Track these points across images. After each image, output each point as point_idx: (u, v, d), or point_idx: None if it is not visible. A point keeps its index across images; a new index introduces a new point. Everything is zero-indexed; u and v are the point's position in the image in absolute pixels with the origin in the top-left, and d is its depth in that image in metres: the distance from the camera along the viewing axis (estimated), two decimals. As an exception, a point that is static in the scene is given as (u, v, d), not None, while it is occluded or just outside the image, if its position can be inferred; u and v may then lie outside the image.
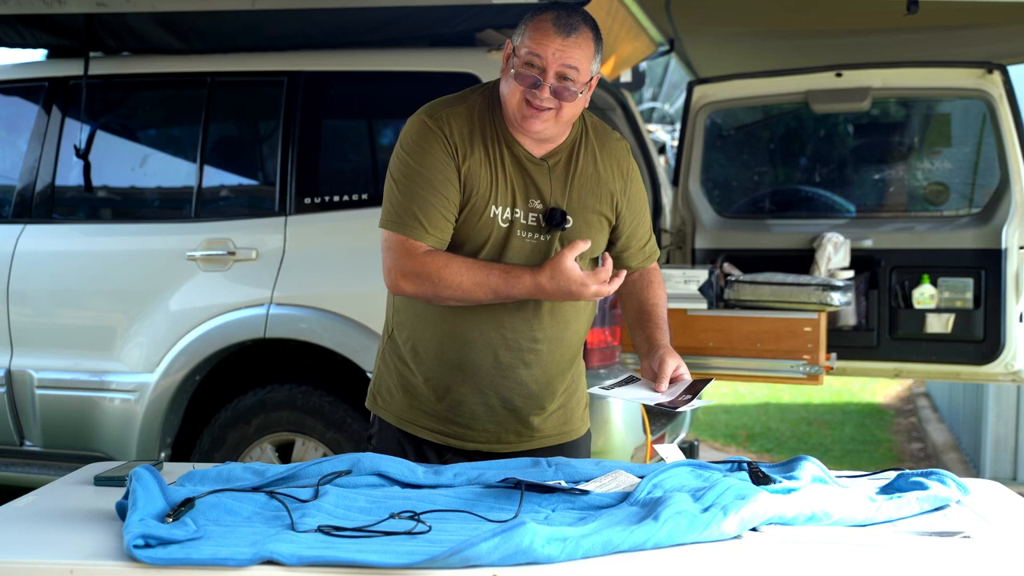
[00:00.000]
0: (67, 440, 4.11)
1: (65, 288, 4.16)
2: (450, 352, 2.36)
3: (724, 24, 5.39)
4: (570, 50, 2.20)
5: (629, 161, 2.43)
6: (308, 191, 3.94)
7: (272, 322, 3.83)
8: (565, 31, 2.20)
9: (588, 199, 2.34)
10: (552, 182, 2.32)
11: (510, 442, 2.44)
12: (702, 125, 5.12)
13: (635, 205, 2.43)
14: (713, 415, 8.38)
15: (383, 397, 2.51)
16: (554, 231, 2.31)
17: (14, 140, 4.45)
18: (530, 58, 2.21)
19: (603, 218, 2.37)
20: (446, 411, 2.42)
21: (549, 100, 2.21)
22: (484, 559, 1.62)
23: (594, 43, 2.25)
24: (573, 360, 2.48)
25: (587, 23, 2.24)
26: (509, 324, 2.33)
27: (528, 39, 2.23)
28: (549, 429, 2.47)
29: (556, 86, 2.20)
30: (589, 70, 2.24)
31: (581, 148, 2.36)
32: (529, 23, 2.25)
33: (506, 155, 2.31)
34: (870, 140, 5.51)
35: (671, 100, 13.08)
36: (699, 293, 4.13)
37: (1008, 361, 4.53)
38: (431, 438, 2.45)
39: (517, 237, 2.31)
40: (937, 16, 4.57)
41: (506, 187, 2.30)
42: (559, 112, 2.23)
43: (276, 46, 4.10)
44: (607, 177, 2.37)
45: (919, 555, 1.71)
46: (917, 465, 6.48)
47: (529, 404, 2.42)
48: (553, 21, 2.21)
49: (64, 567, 1.68)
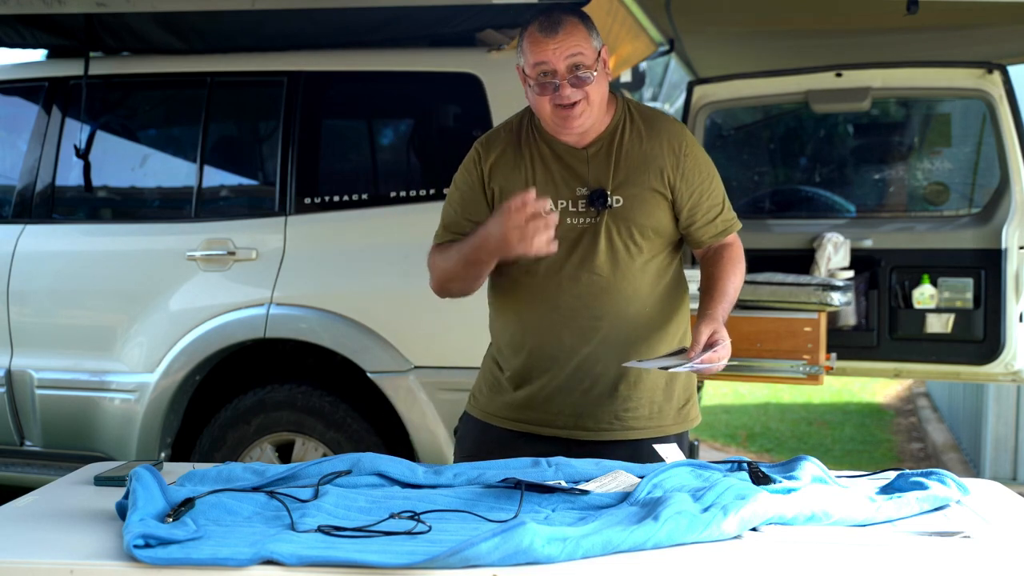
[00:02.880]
0: (67, 440, 4.11)
1: (65, 288, 4.16)
2: (519, 340, 2.47)
3: (724, 24, 5.39)
4: (565, 41, 2.31)
5: (682, 139, 2.46)
6: (308, 191, 3.94)
7: (272, 322, 3.83)
8: (552, 30, 2.31)
9: (635, 176, 2.41)
10: (593, 167, 2.42)
11: (588, 429, 2.44)
12: (702, 125, 5.12)
13: (692, 179, 2.45)
14: (713, 415, 8.38)
15: (475, 396, 2.61)
16: (601, 211, 2.39)
17: (14, 140, 4.45)
18: (538, 68, 2.33)
19: (656, 193, 2.42)
20: (525, 399, 2.48)
21: (574, 92, 2.32)
22: (484, 559, 1.62)
23: (583, 24, 2.35)
24: (654, 345, 2.46)
25: (568, 13, 2.35)
26: (565, 303, 2.41)
27: (528, 54, 2.35)
28: (633, 421, 2.46)
29: (572, 78, 2.31)
30: (592, 48, 2.34)
31: (625, 131, 2.44)
32: (522, 41, 2.37)
33: (546, 153, 2.44)
34: (870, 140, 5.51)
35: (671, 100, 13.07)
36: (699, 293, 4.12)
37: (1008, 361, 4.53)
38: (511, 427, 2.50)
39: (568, 224, 2.40)
40: (937, 16, 4.57)
41: (548, 180, 2.42)
42: (588, 99, 2.34)
43: (276, 46, 4.10)
44: (655, 154, 2.43)
45: (919, 555, 1.71)
46: (917, 465, 6.48)
47: (602, 386, 2.43)
48: (539, 28, 2.33)
49: (64, 567, 1.68)
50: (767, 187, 5.56)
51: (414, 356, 3.74)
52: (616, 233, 2.41)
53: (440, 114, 4.19)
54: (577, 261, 2.41)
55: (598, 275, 2.41)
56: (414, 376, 3.73)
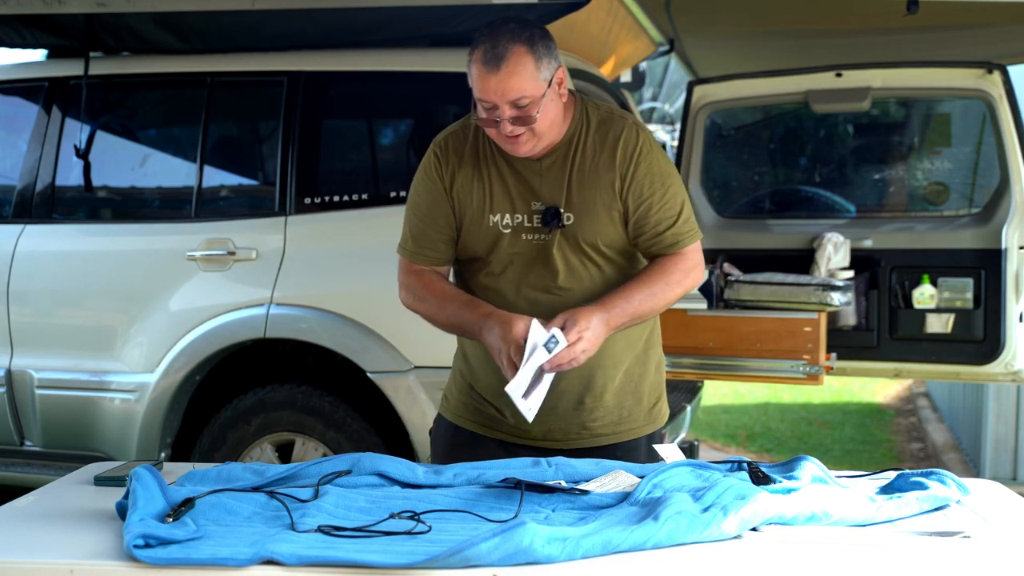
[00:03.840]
0: (67, 440, 4.10)
1: (65, 288, 4.16)
2: (484, 356, 2.40)
3: (724, 24, 5.39)
4: (507, 82, 2.18)
5: (636, 145, 2.33)
6: (308, 191, 3.93)
7: (272, 322, 3.83)
8: (495, 65, 2.18)
9: (588, 192, 2.32)
10: (547, 181, 2.33)
11: (557, 440, 2.41)
12: (702, 125, 5.12)
13: (640, 190, 2.32)
14: (713, 415, 8.38)
15: (446, 397, 2.59)
16: (553, 230, 2.33)
17: (14, 140, 4.44)
18: (481, 102, 2.24)
19: (608, 208, 2.32)
20: (494, 414, 2.46)
21: (516, 128, 2.23)
22: (484, 559, 1.62)
23: (531, 55, 2.20)
24: (619, 356, 2.41)
25: (515, 40, 2.19)
26: None
27: (473, 83, 2.24)
28: (601, 428, 2.44)
29: (513, 116, 2.21)
30: (536, 84, 2.20)
31: (580, 142, 2.34)
32: (469, 65, 2.25)
33: (501, 163, 2.36)
34: (870, 140, 5.51)
35: (671, 100, 13.09)
36: (699, 293, 4.13)
37: (1008, 361, 4.53)
38: (481, 431, 2.48)
39: (523, 240, 2.35)
40: (937, 16, 4.57)
41: (504, 194, 2.35)
42: (534, 131, 2.24)
43: (276, 46, 4.10)
44: (607, 166, 2.32)
45: (919, 555, 1.71)
46: (917, 465, 6.48)
47: (568, 402, 2.40)
48: (482, 60, 2.20)
49: (64, 567, 1.68)
50: (767, 187, 5.56)
51: (414, 356, 3.74)
52: (570, 250, 2.34)
53: (440, 114, 4.18)
54: (534, 280, 2.36)
55: (556, 293, 2.35)
56: (414, 376, 3.73)
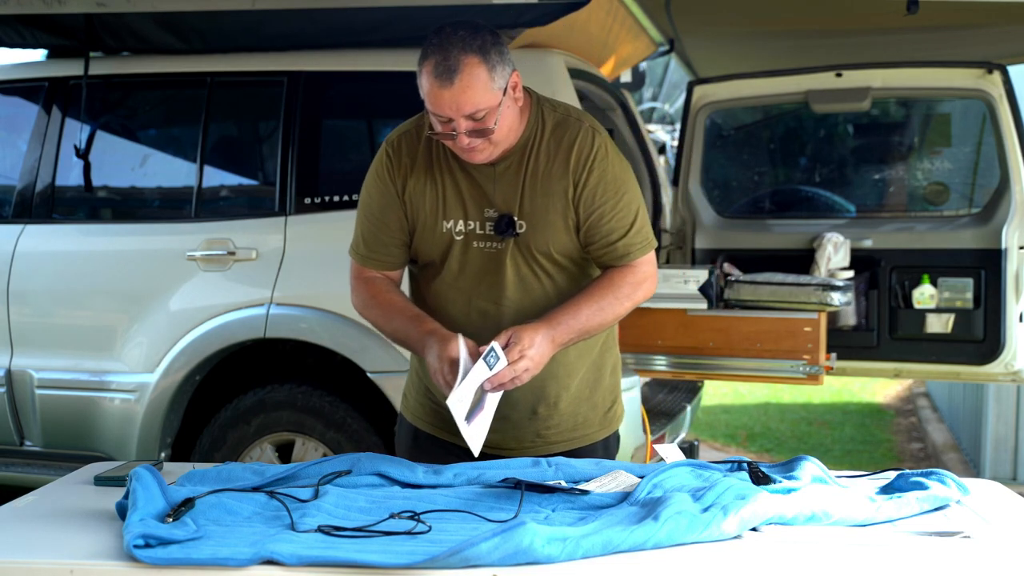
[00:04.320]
0: (67, 440, 4.10)
1: (65, 288, 4.16)
2: None
3: (724, 24, 5.39)
4: (461, 96, 2.11)
5: (590, 151, 2.25)
6: (308, 191, 3.93)
7: (272, 322, 3.83)
8: (447, 79, 2.10)
9: (540, 200, 2.25)
10: (500, 187, 2.27)
11: (511, 448, 2.38)
12: (702, 125, 5.12)
13: (592, 198, 2.25)
14: (713, 415, 8.38)
15: (405, 396, 2.58)
16: (507, 238, 2.27)
17: (14, 140, 4.44)
18: (435, 115, 2.16)
19: (561, 217, 2.26)
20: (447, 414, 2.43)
21: (473, 140, 2.16)
22: (484, 559, 1.62)
23: (483, 66, 2.11)
24: (572, 365, 2.38)
25: (467, 50, 2.11)
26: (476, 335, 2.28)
27: (424, 95, 2.16)
28: (555, 436, 2.42)
29: (470, 128, 2.14)
30: (491, 94, 2.13)
31: (535, 146, 2.27)
32: (419, 76, 2.17)
33: (455, 167, 2.29)
34: (870, 140, 5.51)
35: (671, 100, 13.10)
36: (699, 293, 4.13)
37: (1008, 361, 4.54)
38: (439, 435, 2.46)
39: (475, 248, 2.29)
40: (937, 16, 4.57)
41: (457, 200, 2.29)
42: (490, 140, 2.18)
43: (276, 46, 4.10)
44: (560, 173, 2.25)
45: (919, 555, 1.71)
46: (917, 465, 6.48)
47: (520, 412, 2.37)
48: (434, 73, 2.12)
49: (64, 567, 1.68)
50: (767, 187, 5.56)
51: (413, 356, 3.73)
52: (522, 259, 2.28)
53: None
54: (484, 291, 2.30)
55: (506, 306, 2.30)
56: (414, 376, 3.72)
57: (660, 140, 9.37)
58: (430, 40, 2.16)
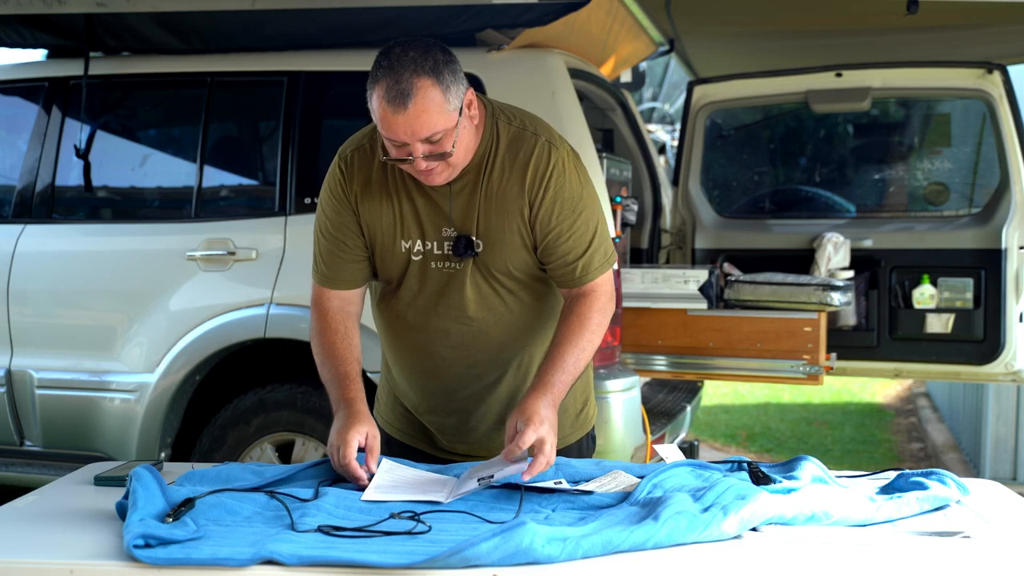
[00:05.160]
0: (67, 440, 4.10)
1: (65, 288, 4.16)
2: (406, 378, 2.42)
3: (724, 24, 5.38)
4: (415, 120, 2.03)
5: (546, 168, 2.18)
6: (308, 191, 3.93)
7: (272, 322, 3.83)
8: (400, 104, 2.02)
9: (496, 219, 2.20)
10: (457, 206, 2.21)
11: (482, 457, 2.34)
12: (702, 125, 5.12)
13: (548, 217, 2.19)
14: (713, 415, 8.38)
15: (378, 401, 2.57)
16: (465, 259, 2.22)
17: (14, 140, 4.44)
18: (389, 140, 2.10)
19: (516, 236, 2.21)
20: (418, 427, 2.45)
21: (430, 164, 2.10)
22: (484, 559, 1.62)
23: (436, 87, 2.03)
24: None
25: (419, 72, 2.03)
26: (439, 353, 2.30)
27: (377, 120, 2.09)
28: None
29: (427, 151, 2.08)
30: (447, 116, 2.05)
31: (490, 164, 2.20)
32: (370, 99, 2.10)
33: (412, 187, 2.23)
34: (870, 140, 5.51)
35: (671, 100, 13.10)
36: (699, 293, 4.13)
37: (1008, 361, 4.54)
38: (411, 443, 2.46)
39: (433, 268, 2.25)
40: (937, 16, 4.57)
41: (414, 220, 2.24)
42: (447, 161, 2.11)
43: (276, 46, 4.10)
44: (515, 192, 2.19)
45: (919, 555, 1.71)
46: (917, 465, 6.48)
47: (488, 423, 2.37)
48: (386, 98, 2.04)
49: (64, 567, 1.68)
50: (767, 187, 5.56)
51: (414, 356, 3.74)
52: (482, 278, 2.24)
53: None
54: (444, 310, 2.26)
55: (468, 324, 2.26)
56: (414, 376, 3.72)
57: (660, 140, 9.37)
58: (379, 63, 2.08)
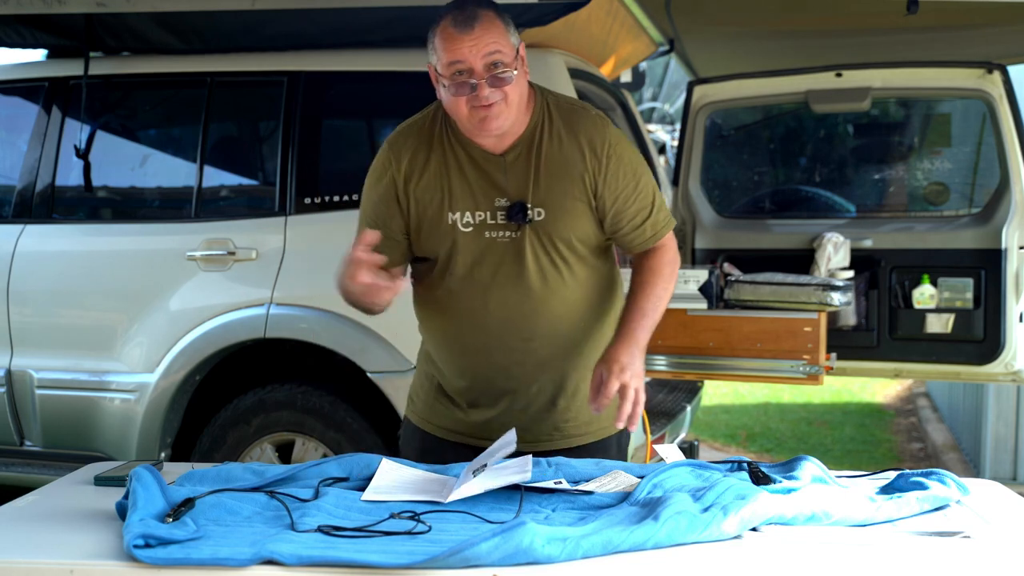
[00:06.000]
0: (67, 440, 4.11)
1: (65, 288, 4.16)
2: (451, 361, 2.41)
3: (724, 24, 5.38)
4: (482, 38, 2.14)
5: (605, 137, 2.28)
6: (308, 191, 3.93)
7: (272, 322, 3.83)
8: (468, 25, 2.14)
9: (556, 184, 2.25)
10: (511, 176, 2.26)
11: (527, 441, 2.36)
12: (702, 125, 5.12)
13: (616, 184, 2.27)
14: (713, 415, 8.38)
15: (412, 400, 2.57)
16: (522, 226, 2.26)
17: (14, 140, 4.44)
18: (453, 67, 2.16)
19: (579, 202, 2.27)
20: (462, 417, 2.44)
21: (493, 93, 2.16)
22: (484, 559, 1.62)
23: (500, 19, 2.19)
24: (588, 359, 2.37)
25: (482, 5, 2.19)
26: (494, 326, 2.32)
27: (441, 51, 2.17)
28: (573, 429, 2.42)
29: (490, 77, 2.15)
30: (510, 44, 2.18)
31: (544, 134, 2.27)
32: (433, 38, 2.20)
33: (463, 160, 2.28)
34: (870, 140, 5.51)
35: (671, 100, 13.10)
36: (699, 293, 4.13)
37: (1008, 361, 4.53)
38: (449, 437, 2.46)
39: (486, 238, 2.28)
40: (937, 16, 4.57)
41: (465, 191, 2.28)
42: (507, 99, 2.18)
43: (276, 46, 4.10)
44: (575, 159, 2.26)
45: (919, 555, 1.71)
46: (917, 465, 6.48)
47: (540, 403, 2.38)
48: (452, 24, 2.15)
49: (64, 567, 1.68)
50: (767, 187, 5.56)
51: (414, 356, 3.72)
52: (540, 248, 2.27)
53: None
54: (503, 280, 2.28)
55: (526, 295, 2.29)
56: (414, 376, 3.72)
57: (660, 140, 9.38)
58: (442, 9, 2.20)
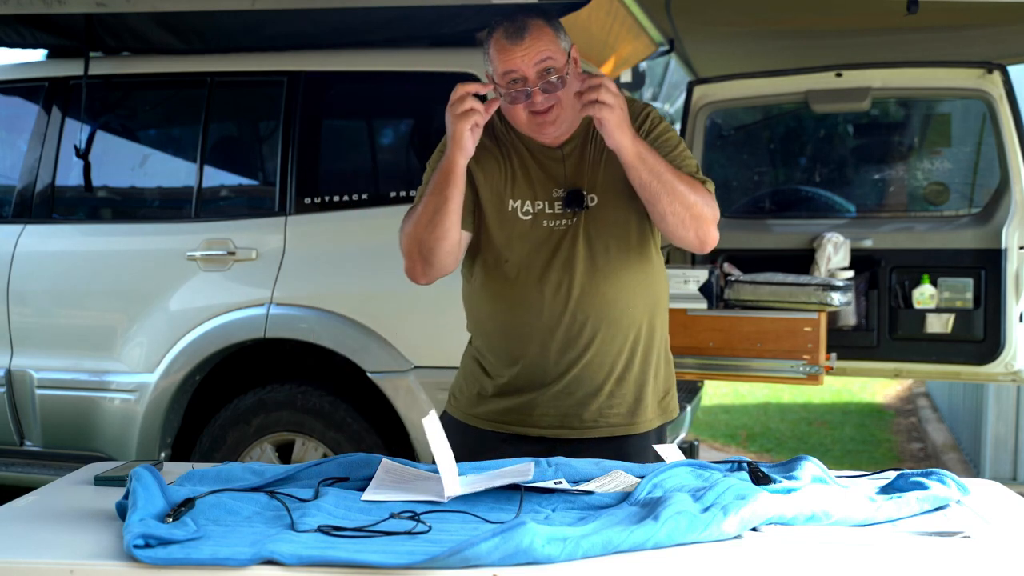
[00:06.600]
0: (67, 440, 4.11)
1: (65, 288, 4.16)
2: (505, 351, 2.43)
3: (724, 24, 5.38)
4: (533, 47, 2.26)
5: (644, 111, 2.41)
6: (308, 191, 3.94)
7: (272, 322, 3.83)
8: (518, 36, 2.27)
9: (611, 172, 2.35)
10: (569, 168, 2.39)
11: (572, 428, 2.41)
12: (702, 125, 5.12)
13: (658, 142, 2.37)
14: (713, 415, 8.38)
15: (454, 396, 2.58)
16: (578, 212, 2.36)
17: (14, 140, 4.44)
18: (508, 76, 2.29)
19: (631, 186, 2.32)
20: (512, 406, 2.45)
21: (547, 99, 2.29)
22: (484, 559, 1.62)
23: (550, 27, 2.30)
24: (634, 346, 2.42)
25: (532, 15, 2.30)
26: (549, 312, 2.36)
27: (496, 62, 2.31)
28: (616, 418, 2.44)
29: (544, 84, 2.28)
30: (561, 50, 2.30)
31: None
32: (488, 50, 2.33)
33: (523, 151, 2.41)
34: (870, 140, 5.51)
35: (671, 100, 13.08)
36: (699, 293, 4.13)
37: (1008, 361, 4.53)
38: (493, 428, 2.47)
39: (544, 227, 2.37)
40: (937, 16, 4.57)
41: (526, 182, 2.39)
42: (562, 103, 2.30)
43: (276, 46, 4.10)
44: None
45: (919, 555, 1.71)
46: (917, 465, 6.48)
47: (589, 388, 2.40)
48: (504, 35, 2.28)
49: (64, 567, 1.68)
50: (767, 187, 5.56)
51: (414, 356, 3.74)
52: (596, 234, 2.37)
53: (440, 114, 4.18)
54: (558, 266, 2.36)
55: (581, 280, 2.36)
56: (414, 376, 3.73)
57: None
58: (493, 20, 2.33)
